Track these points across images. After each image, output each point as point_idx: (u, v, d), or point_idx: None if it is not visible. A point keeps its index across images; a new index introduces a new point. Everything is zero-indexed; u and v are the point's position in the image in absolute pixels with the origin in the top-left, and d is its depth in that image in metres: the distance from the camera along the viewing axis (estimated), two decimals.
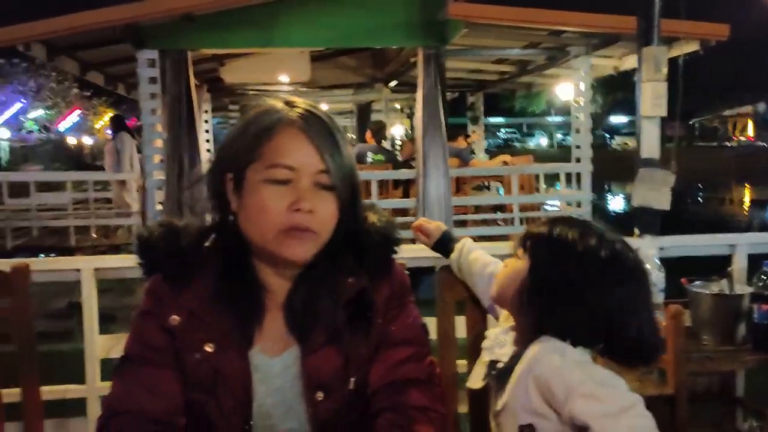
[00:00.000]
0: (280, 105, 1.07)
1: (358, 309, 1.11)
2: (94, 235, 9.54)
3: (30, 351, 1.55)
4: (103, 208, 11.02)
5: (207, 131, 10.10)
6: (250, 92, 10.35)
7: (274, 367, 1.09)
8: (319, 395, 1.07)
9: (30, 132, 25.92)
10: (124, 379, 1.07)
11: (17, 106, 24.65)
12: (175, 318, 1.06)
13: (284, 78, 8.62)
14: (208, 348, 1.06)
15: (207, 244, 1.12)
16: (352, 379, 1.09)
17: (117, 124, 9.85)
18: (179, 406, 1.07)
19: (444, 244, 1.59)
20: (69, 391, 2.30)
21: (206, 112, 10.06)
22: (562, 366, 1.06)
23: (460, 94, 11.54)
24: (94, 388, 2.26)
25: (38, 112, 26.48)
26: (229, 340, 1.06)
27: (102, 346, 2.30)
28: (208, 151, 9.30)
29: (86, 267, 2.26)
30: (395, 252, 1.17)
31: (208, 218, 1.15)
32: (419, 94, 6.29)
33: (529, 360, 1.10)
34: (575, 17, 5.96)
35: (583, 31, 6.33)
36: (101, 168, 15.76)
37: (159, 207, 6.34)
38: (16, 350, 1.58)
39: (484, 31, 6.27)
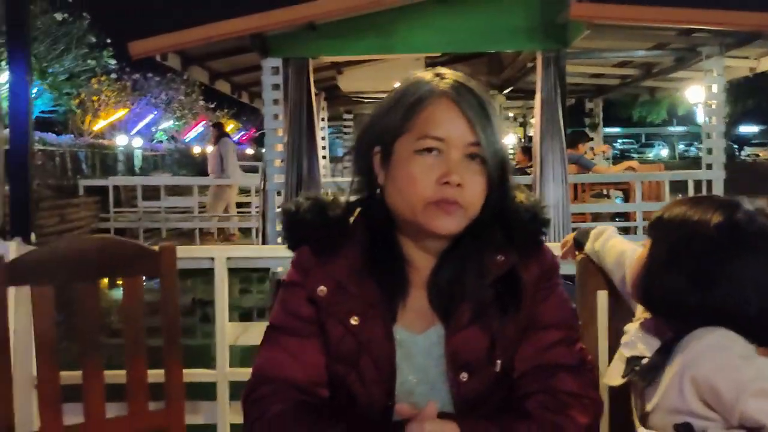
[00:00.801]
0: (429, 76, 1.07)
1: (506, 288, 1.07)
2: (216, 238, 10.03)
3: (174, 331, 1.62)
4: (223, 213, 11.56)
5: (323, 138, 10.39)
6: (365, 100, 10.54)
7: (418, 344, 1.08)
8: (464, 376, 1.05)
9: (160, 142, 27.70)
10: (271, 347, 1.10)
11: (150, 117, 26.43)
12: (322, 289, 1.08)
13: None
14: (353, 320, 1.06)
15: (353, 218, 1.12)
16: (498, 361, 1.06)
17: (220, 131, 10.39)
18: (323, 377, 1.08)
19: (580, 244, 1.52)
20: (201, 375, 2.40)
21: (323, 119, 10.35)
22: (727, 363, 0.96)
23: (576, 100, 11.21)
24: (224, 373, 2.34)
25: (168, 123, 28.26)
26: (374, 313, 1.06)
27: (231, 333, 2.37)
28: (324, 158, 9.56)
29: (219, 256, 2.34)
30: (544, 232, 1.13)
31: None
32: (537, 99, 6.15)
33: (684, 359, 1.00)
34: (710, 15, 5.55)
35: (718, 29, 5.94)
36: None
37: (278, 209, 6.57)
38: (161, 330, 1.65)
39: (608, 33, 6.05)
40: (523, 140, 12.92)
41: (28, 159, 2.35)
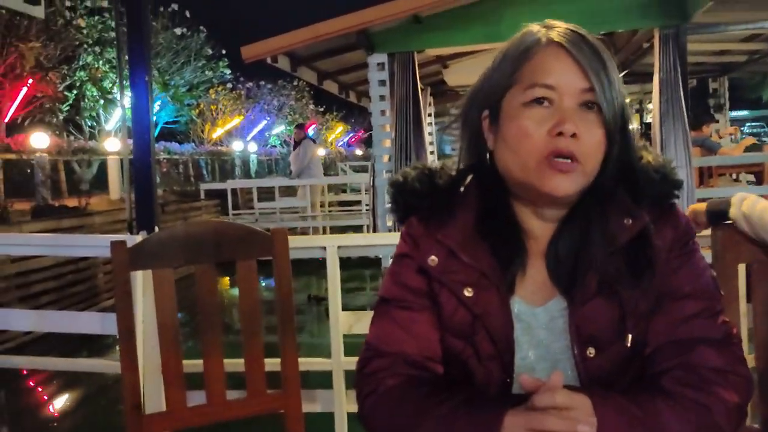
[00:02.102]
0: (536, 28, 0.99)
1: (635, 255, 0.97)
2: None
3: (288, 312, 1.62)
4: (334, 211, 11.84)
5: (430, 134, 10.35)
6: None
7: (538, 317, 1.00)
8: (590, 351, 0.96)
9: (273, 146, 28.72)
10: (383, 320, 1.06)
11: (263, 123, 27.49)
12: (433, 258, 1.02)
13: None
14: (467, 292, 0.99)
15: (464, 186, 1.06)
16: (629, 336, 0.96)
17: (302, 132, 10.70)
18: (437, 352, 1.03)
19: (717, 214, 1.38)
20: (317, 363, 2.42)
21: (429, 115, 10.31)
22: None
23: (698, 81, 10.52)
24: (339, 361, 2.34)
25: (280, 128, 29.26)
26: (489, 284, 0.99)
27: (345, 321, 2.37)
28: (431, 153, 9.52)
29: (331, 245, 2.35)
30: (677, 194, 1.02)
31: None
32: (655, 81, 5.80)
33: None
34: None
35: None
36: (334, 176, 16.99)
37: (388, 205, 6.60)
38: (276, 314, 1.66)
39: (733, 2, 5.60)
40: (640, 128, 12.30)
41: (150, 165, 2.54)
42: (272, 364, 1.72)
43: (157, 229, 2.55)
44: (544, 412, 0.81)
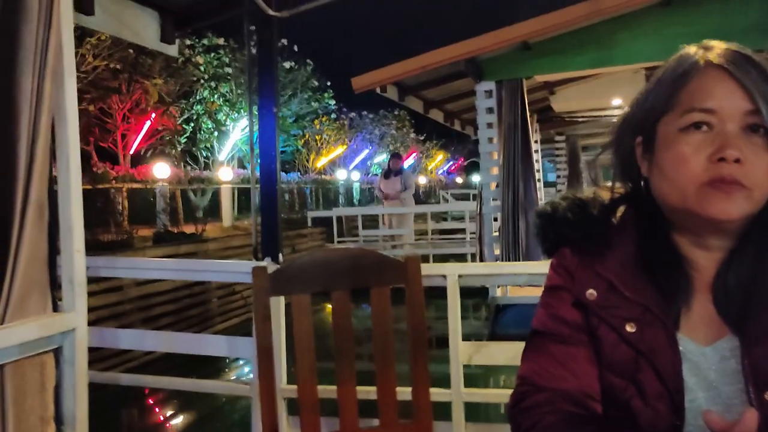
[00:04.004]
0: (693, 50, 0.94)
1: None
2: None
3: (421, 337, 1.61)
4: (437, 239, 11.81)
5: (537, 161, 10.18)
6: (580, 119, 10.17)
7: (707, 357, 0.93)
8: None
9: (375, 175, 29.18)
10: (538, 354, 1.02)
11: (365, 152, 28.01)
12: (591, 292, 0.98)
13: (617, 101, 8.30)
14: (630, 327, 0.94)
15: (618, 216, 1.02)
16: None
17: (399, 161, 10.82)
18: (595, 389, 0.97)
19: None
20: (436, 394, 2.38)
21: (535, 142, 10.16)
22: None
23: None
24: (459, 392, 2.31)
25: (382, 156, 29.71)
26: (653, 319, 0.93)
27: (465, 351, 2.34)
28: (538, 180, 9.36)
29: (451, 272, 2.33)
30: None
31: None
32: None
33: None
34: None
35: None
36: (435, 204, 17.01)
37: (495, 234, 6.52)
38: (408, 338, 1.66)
39: None
40: None
41: (276, 193, 2.63)
42: (403, 393, 1.71)
43: (281, 255, 2.62)
44: None
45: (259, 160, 2.69)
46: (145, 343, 2.98)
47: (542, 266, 1.54)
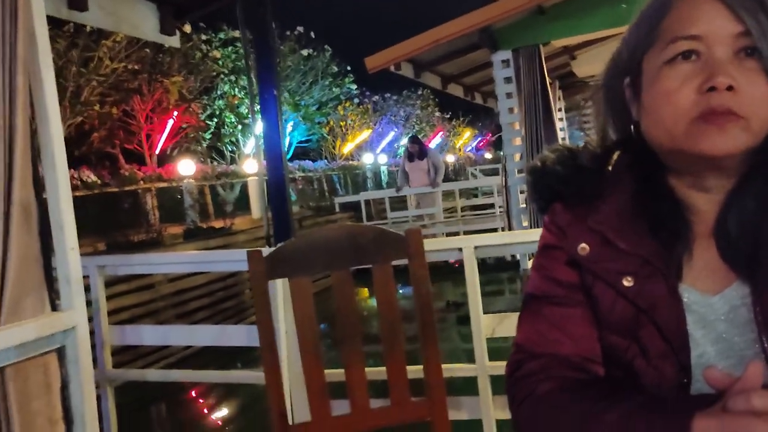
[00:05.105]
0: None
1: None
2: None
3: (428, 314, 1.55)
4: (467, 216, 11.72)
5: (562, 129, 9.98)
6: None
7: (714, 308, 0.85)
8: None
9: (406, 156, 29.09)
10: (532, 318, 0.95)
11: (391, 134, 27.89)
12: (584, 247, 0.90)
13: None
14: (626, 282, 0.86)
15: (611, 164, 0.94)
16: None
17: (415, 145, 10.67)
18: (596, 351, 0.90)
19: None
20: (460, 369, 2.33)
21: (560, 110, 9.95)
22: None
23: None
24: (484, 366, 2.25)
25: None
26: (653, 271, 0.85)
27: (487, 324, 2.28)
28: None
29: (467, 245, 2.26)
30: None
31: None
32: None
33: None
34: None
35: None
36: (464, 180, 16.90)
37: (522, 205, 6.40)
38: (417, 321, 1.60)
39: None
40: None
41: (283, 181, 2.60)
42: (414, 371, 1.66)
43: None
44: (745, 414, 0.65)
45: (263, 147, 2.64)
46: (168, 338, 2.97)
47: None
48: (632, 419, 0.74)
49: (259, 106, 2.67)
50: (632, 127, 0.90)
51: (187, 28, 3.32)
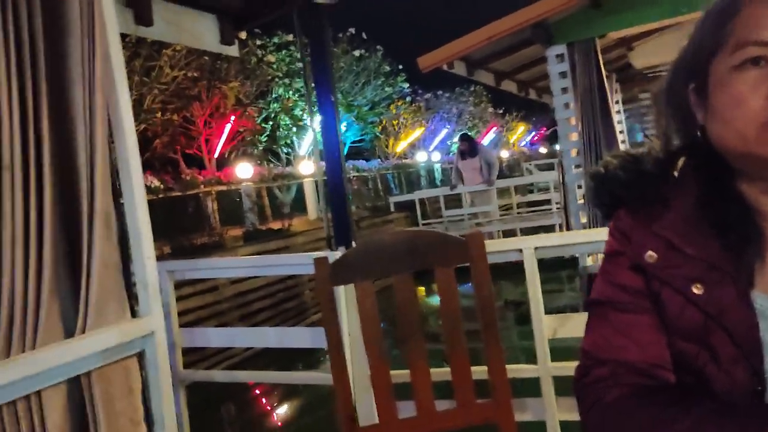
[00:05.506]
0: None
1: None
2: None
3: (491, 316, 1.57)
4: (523, 212, 11.59)
5: (619, 122, 9.76)
6: (664, 74, 9.64)
7: None
8: None
9: (456, 153, 28.94)
10: (599, 325, 0.95)
11: (444, 132, 27.79)
12: (651, 254, 0.90)
13: None
14: (696, 289, 0.86)
15: (677, 169, 0.94)
16: None
17: (465, 143, 10.54)
18: (664, 357, 0.90)
19: None
20: (523, 370, 2.33)
21: (617, 103, 9.73)
22: None
23: None
24: (546, 367, 2.24)
25: None
26: (722, 277, 0.85)
27: (549, 325, 2.27)
28: (623, 142, 8.97)
29: (527, 246, 2.26)
30: None
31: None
32: None
33: None
34: None
35: None
36: (519, 176, 16.72)
37: (580, 202, 6.30)
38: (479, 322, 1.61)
39: None
40: None
41: (342, 183, 2.64)
42: (477, 372, 1.67)
43: (354, 243, 2.62)
44: None
45: (322, 150, 2.69)
46: (234, 340, 3.06)
47: None
48: (703, 425, 0.75)
49: (316, 110, 2.73)
50: (699, 132, 0.90)
51: (243, 34, 3.40)
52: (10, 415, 1.40)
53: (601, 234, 2.25)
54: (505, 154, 30.66)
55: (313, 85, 2.73)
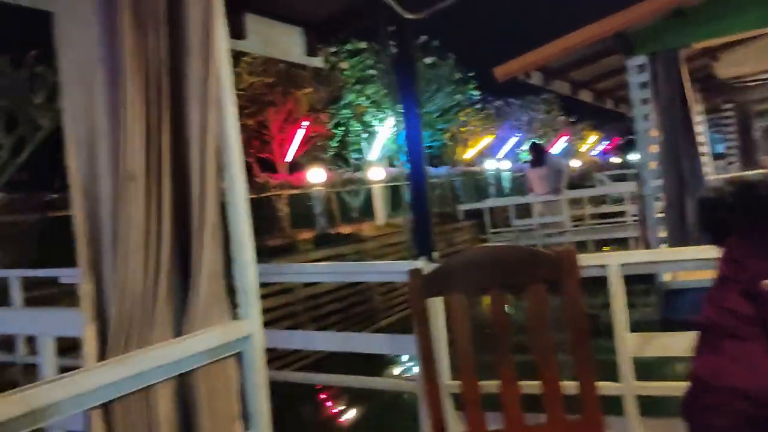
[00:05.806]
0: None
1: None
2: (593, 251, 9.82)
3: (581, 333, 1.58)
4: (595, 224, 11.34)
5: (700, 133, 9.44)
6: (750, 84, 9.30)
7: None
8: None
9: (525, 162, 28.53)
10: (709, 350, 0.96)
11: (514, 140, 27.45)
12: (766, 283, 0.91)
13: None
14: None
15: None
16: None
17: (535, 152, 10.32)
18: None
19: None
20: (606, 387, 2.31)
21: (699, 113, 9.43)
22: None
23: None
24: (630, 386, 2.21)
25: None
26: None
27: (633, 343, 2.24)
28: (703, 155, 8.67)
29: (613, 263, 2.24)
30: None
31: None
32: None
33: None
34: None
35: None
36: (589, 188, 16.39)
37: (659, 215, 6.14)
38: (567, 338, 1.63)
39: None
40: None
41: (425, 192, 2.65)
42: (568, 387, 1.68)
43: (435, 254, 2.66)
44: None
45: (406, 160, 2.73)
46: (315, 343, 3.15)
47: (711, 251, 1.44)
48: None
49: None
50: None
51: (331, 48, 3.49)
52: (124, 406, 1.50)
53: (692, 253, 2.21)
54: (576, 163, 30.05)
55: (398, 96, 2.77)
